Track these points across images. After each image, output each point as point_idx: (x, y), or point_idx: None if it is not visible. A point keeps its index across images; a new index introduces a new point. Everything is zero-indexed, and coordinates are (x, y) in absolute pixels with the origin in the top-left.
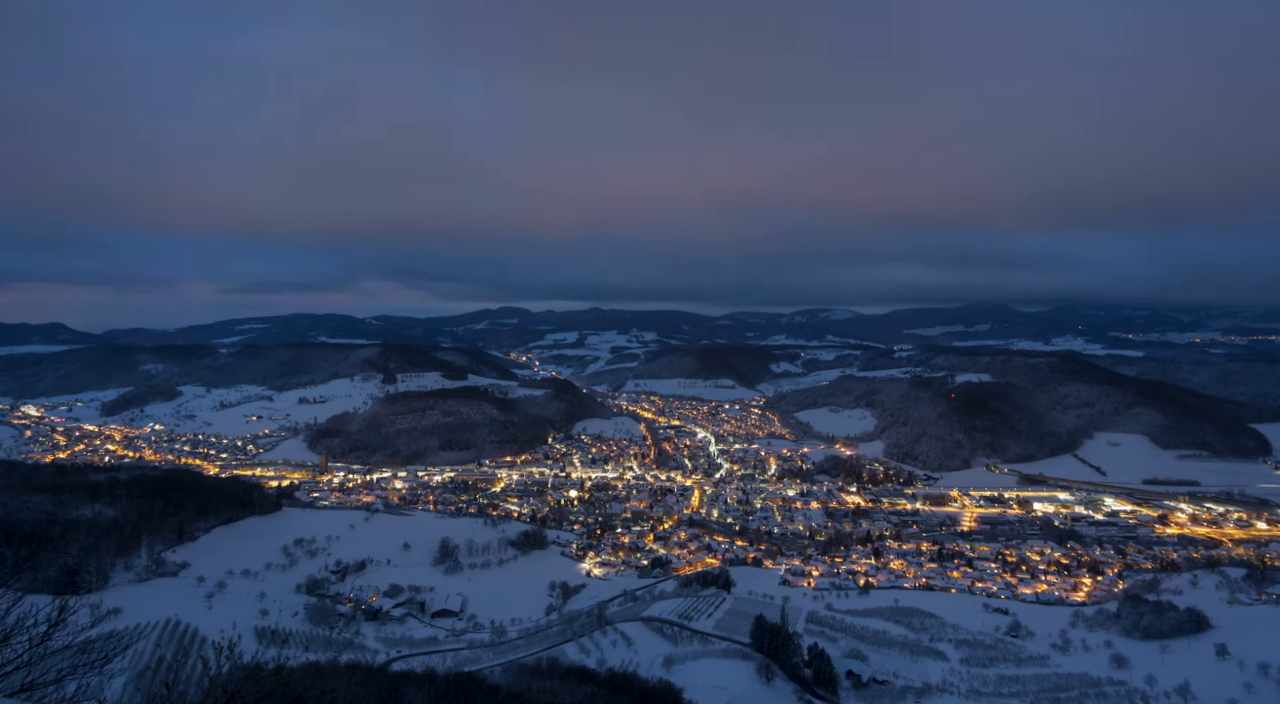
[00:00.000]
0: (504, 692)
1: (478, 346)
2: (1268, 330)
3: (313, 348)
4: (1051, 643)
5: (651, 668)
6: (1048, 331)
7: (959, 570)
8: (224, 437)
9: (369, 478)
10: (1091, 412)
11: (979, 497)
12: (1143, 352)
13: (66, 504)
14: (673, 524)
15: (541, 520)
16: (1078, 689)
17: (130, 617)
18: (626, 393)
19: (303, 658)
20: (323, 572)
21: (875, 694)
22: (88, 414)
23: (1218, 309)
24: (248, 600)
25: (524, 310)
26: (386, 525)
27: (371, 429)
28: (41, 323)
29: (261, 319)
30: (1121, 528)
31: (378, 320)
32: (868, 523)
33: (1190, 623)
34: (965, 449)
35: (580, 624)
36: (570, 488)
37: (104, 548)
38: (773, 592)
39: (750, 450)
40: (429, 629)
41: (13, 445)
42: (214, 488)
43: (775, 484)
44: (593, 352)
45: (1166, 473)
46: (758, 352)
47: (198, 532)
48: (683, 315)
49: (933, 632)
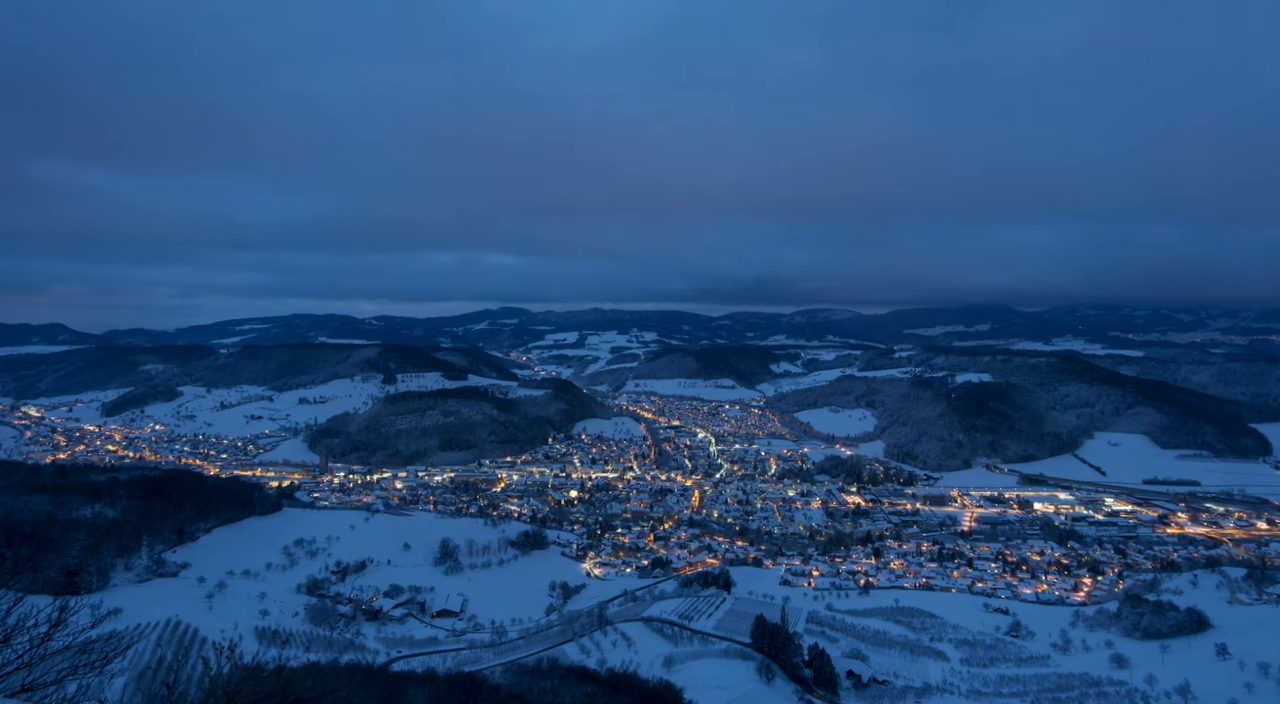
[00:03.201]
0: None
1: (478, 347)
2: (1268, 330)
3: (313, 348)
4: (1052, 643)
5: (652, 668)
6: (1048, 332)
7: (959, 570)
8: (224, 437)
9: (369, 478)
10: (1091, 412)
11: (979, 497)
12: (1143, 351)
13: (67, 505)
14: (673, 524)
15: (542, 521)
16: (1078, 689)
17: (131, 617)
18: (626, 393)
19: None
20: (323, 572)
21: (875, 694)
22: (88, 414)
23: (1218, 309)
24: (248, 601)
25: (524, 310)
26: (387, 526)
27: (371, 429)
28: (41, 323)
29: (261, 319)
30: (1122, 528)
31: (378, 320)
32: (868, 523)
33: (1190, 623)
34: (965, 449)
35: (580, 624)
36: (570, 488)
37: (104, 548)
38: (773, 592)
39: (750, 450)
40: (429, 629)
41: (13, 446)
42: (214, 488)
43: (775, 484)
44: (593, 352)
45: (1167, 473)
46: (758, 351)
47: (198, 532)
48: (683, 315)
49: (933, 632)
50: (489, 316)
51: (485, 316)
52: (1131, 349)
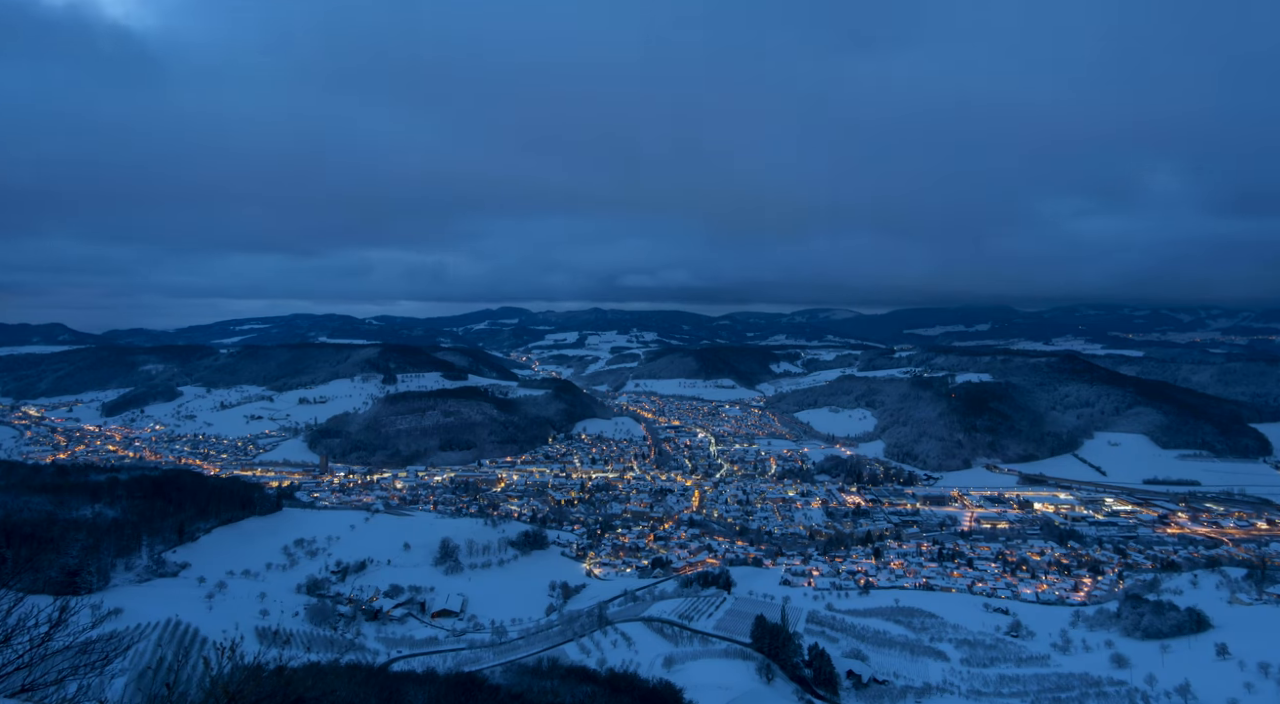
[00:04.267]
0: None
1: (478, 347)
2: (1268, 330)
3: (313, 348)
4: (1052, 643)
5: (652, 668)
6: (1048, 332)
7: (959, 570)
8: (224, 437)
9: (369, 478)
10: (1091, 411)
11: (979, 497)
12: (1143, 351)
13: (67, 505)
14: (673, 524)
15: (542, 521)
16: (1078, 689)
17: (131, 617)
18: (626, 393)
19: (304, 658)
20: (323, 572)
21: (875, 694)
22: (88, 414)
23: (1218, 309)
24: (248, 601)
25: (524, 310)
26: (387, 526)
27: (371, 429)
28: (41, 323)
29: (261, 319)
30: (1122, 528)
31: (378, 320)
32: (868, 523)
33: (1191, 623)
34: (965, 449)
35: (581, 624)
36: (570, 488)
37: (104, 548)
38: (773, 592)
39: (750, 450)
40: (429, 629)
41: (13, 446)
42: (214, 488)
43: (775, 484)
44: (593, 352)
45: (1167, 473)
46: (758, 351)
47: (198, 532)
48: (683, 315)
49: (933, 632)
50: (489, 316)
51: (485, 316)
52: (1131, 349)
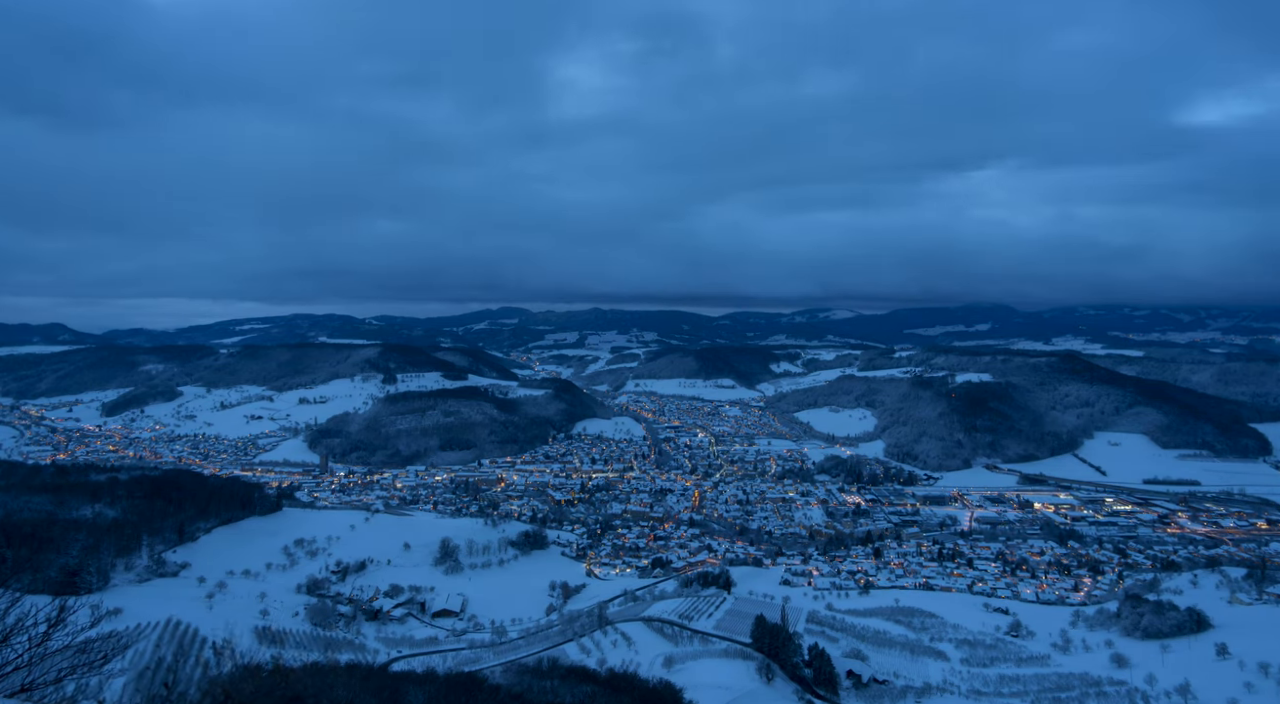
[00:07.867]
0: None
1: (478, 347)
2: (1268, 330)
3: (313, 348)
4: (1052, 643)
5: (652, 668)
6: (1048, 331)
7: (959, 570)
8: (224, 437)
9: (369, 478)
10: (1091, 411)
11: (979, 496)
12: (1143, 351)
13: (67, 504)
14: (673, 524)
15: (542, 521)
16: (1078, 689)
17: (130, 617)
18: (626, 393)
19: (303, 658)
20: (323, 572)
21: (876, 694)
22: (88, 414)
23: (1218, 309)
24: (248, 600)
25: (524, 310)
26: (387, 526)
27: (371, 429)
28: (41, 323)
29: (261, 319)
30: (1122, 528)
31: (378, 320)
32: (868, 523)
33: (1191, 623)
34: (965, 449)
35: (581, 624)
36: (571, 488)
37: (104, 548)
38: (773, 592)
39: (750, 450)
40: (429, 629)
41: (13, 446)
42: (214, 488)
43: (775, 484)
44: (593, 352)
45: (1167, 473)
46: (758, 351)
47: (198, 532)
48: (683, 315)
49: (933, 632)
50: (489, 316)
51: (485, 316)
52: (1131, 349)
